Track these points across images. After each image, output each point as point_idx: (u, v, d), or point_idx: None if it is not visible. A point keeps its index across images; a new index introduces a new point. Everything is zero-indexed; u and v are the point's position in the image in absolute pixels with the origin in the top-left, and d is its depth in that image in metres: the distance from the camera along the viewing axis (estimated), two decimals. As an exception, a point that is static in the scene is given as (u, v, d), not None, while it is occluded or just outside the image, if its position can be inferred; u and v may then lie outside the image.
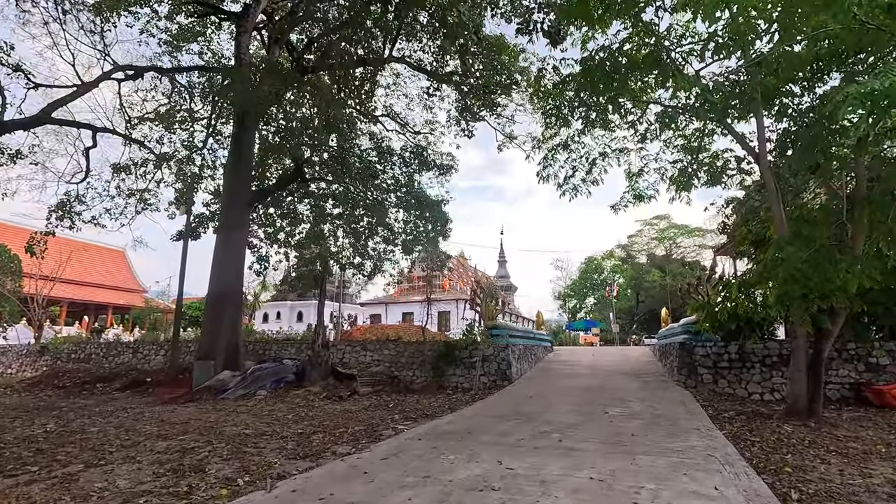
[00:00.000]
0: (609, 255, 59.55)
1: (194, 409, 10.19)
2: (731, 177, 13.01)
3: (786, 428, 7.34)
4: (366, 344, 14.90)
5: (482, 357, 13.22)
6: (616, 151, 14.25)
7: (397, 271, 19.77)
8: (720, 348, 11.41)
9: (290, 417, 8.89)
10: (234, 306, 14.44)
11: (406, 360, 14.08)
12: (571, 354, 18.34)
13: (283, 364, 13.64)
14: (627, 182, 14.50)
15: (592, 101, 12.11)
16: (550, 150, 14.40)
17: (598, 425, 7.23)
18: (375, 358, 14.60)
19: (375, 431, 7.33)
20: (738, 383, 11.01)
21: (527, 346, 15.47)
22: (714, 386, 11.18)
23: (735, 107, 11.23)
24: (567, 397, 10.20)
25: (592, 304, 59.14)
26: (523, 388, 11.95)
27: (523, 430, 6.93)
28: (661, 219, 58.02)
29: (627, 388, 11.28)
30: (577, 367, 15.03)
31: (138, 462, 5.72)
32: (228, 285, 14.42)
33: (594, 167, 14.45)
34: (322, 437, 6.99)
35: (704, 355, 11.52)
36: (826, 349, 7.93)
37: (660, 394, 10.52)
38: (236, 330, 14.37)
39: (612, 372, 14.07)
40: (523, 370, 14.33)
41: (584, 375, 13.60)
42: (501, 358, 13.21)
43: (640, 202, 14.67)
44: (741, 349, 11.20)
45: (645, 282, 44.41)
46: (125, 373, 15.86)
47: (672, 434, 6.55)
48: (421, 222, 17.19)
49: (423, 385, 13.32)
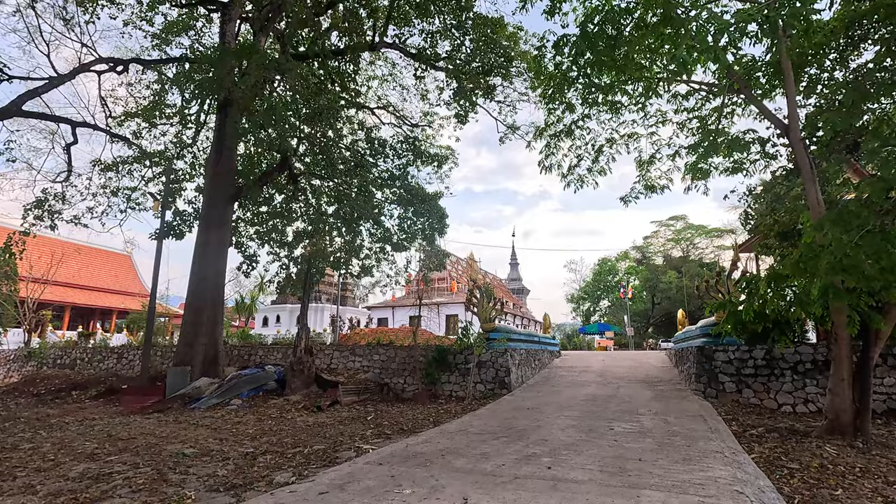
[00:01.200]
0: (623, 257, 57.84)
1: (154, 422, 9.23)
2: (753, 162, 11.72)
3: (829, 450, 6.06)
4: (355, 349, 13.85)
5: (477, 363, 12.07)
6: (625, 137, 13.04)
7: (394, 272, 18.73)
8: (744, 353, 10.10)
9: (251, 432, 7.85)
10: (214, 309, 13.53)
11: (397, 366, 12.99)
12: (580, 360, 17.04)
13: (264, 371, 12.67)
14: (638, 171, 13.29)
15: (595, 78, 11.02)
16: (553, 136, 13.25)
17: (599, 446, 6.04)
18: (365, 364, 13.54)
19: (335, 452, 6.24)
20: (766, 393, 9.68)
21: (530, 350, 14.26)
22: (738, 396, 9.86)
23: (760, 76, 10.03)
24: (568, 410, 8.99)
25: (607, 307, 57.42)
26: (522, 398, 10.76)
27: (508, 452, 5.78)
28: (678, 219, 56.18)
29: (638, 399, 10.02)
30: (584, 374, 13.77)
31: (34, 492, 4.72)
32: (208, 287, 13.52)
33: (601, 155, 13.28)
34: (269, 459, 5.93)
35: (726, 361, 10.21)
36: (876, 354, 6.64)
37: (675, 405, 9.25)
38: (216, 334, 13.45)
39: (622, 379, 12.78)
40: (525, 377, 13.13)
41: (592, 383, 12.34)
42: (500, 364, 12.04)
43: (652, 192, 13.46)
44: (769, 354, 9.88)
45: (661, 283, 42.65)
46: (105, 379, 15.06)
47: (689, 459, 5.33)
48: (416, 218, 16.15)
49: (414, 393, 12.21)
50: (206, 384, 12.17)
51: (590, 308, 58.33)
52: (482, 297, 12.82)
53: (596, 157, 13.26)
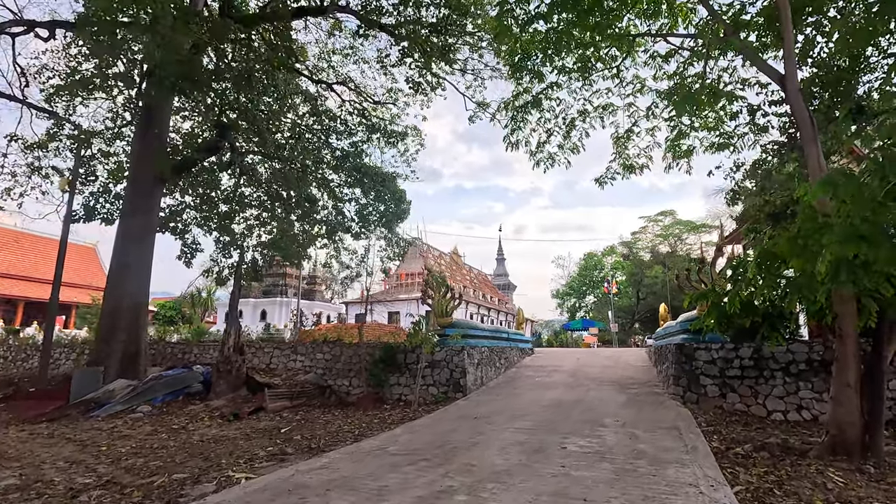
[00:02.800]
0: (610, 252, 56.75)
1: (27, 434, 7.67)
2: (741, 136, 10.36)
3: (834, 476, 4.71)
4: (297, 347, 12.33)
5: (430, 363, 10.64)
6: (598, 109, 11.65)
7: (355, 262, 17.22)
8: (729, 352, 8.77)
9: (124, 451, 6.34)
10: (135, 302, 11.93)
11: (343, 366, 11.50)
12: (553, 358, 15.69)
13: (190, 371, 11.13)
14: (614, 149, 11.92)
15: (565, 40, 9.62)
16: (519, 109, 11.85)
17: (540, 475, 4.62)
18: (307, 364, 12.05)
19: (196, 482, 4.76)
20: (754, 398, 8.35)
21: (494, 348, 12.86)
22: (721, 401, 8.53)
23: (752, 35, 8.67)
24: (522, 419, 7.59)
25: (592, 303, 56.37)
26: (476, 403, 9.35)
27: (416, 486, 4.34)
28: (666, 215, 55.08)
29: (608, 405, 8.65)
30: (554, 375, 12.40)
31: None
32: (129, 277, 11.92)
33: (573, 129, 11.91)
34: (96, 496, 4.43)
35: (709, 361, 8.87)
36: (892, 353, 5.30)
37: (648, 413, 7.88)
38: (138, 330, 11.85)
39: (594, 380, 11.43)
40: (486, 378, 11.73)
41: (560, 386, 10.97)
42: (455, 364, 10.61)
43: (630, 173, 12.14)
44: (757, 353, 8.55)
45: (646, 277, 41.54)
46: (17, 381, 13.39)
47: (651, 498, 3.94)
48: (377, 203, 14.68)
49: (358, 398, 10.76)
50: (121, 387, 10.59)
51: (575, 304, 57.27)
52: (437, 287, 11.39)
53: (567, 133, 11.89)
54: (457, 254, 55.14)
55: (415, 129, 17.04)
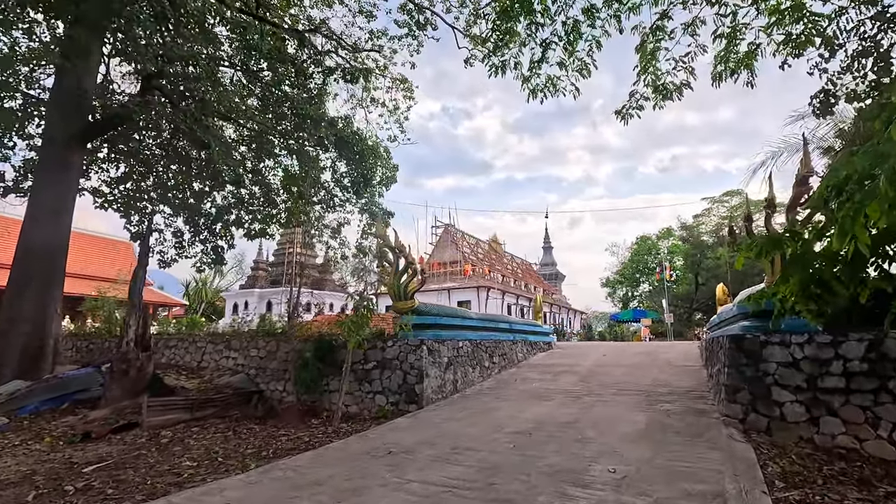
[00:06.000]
0: (666, 235, 51.13)
1: None
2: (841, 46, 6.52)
3: None
4: (231, 341, 9.86)
5: (379, 362, 7.81)
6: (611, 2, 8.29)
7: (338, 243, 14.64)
8: (823, 348, 5.27)
9: None
10: (44, 289, 9.91)
11: (278, 365, 8.91)
12: (572, 355, 12.29)
13: (89, 373, 8.95)
14: (640, 63, 8.51)
15: None
16: (503, 12, 8.81)
17: None
18: (241, 362, 9.55)
19: None
20: (873, 427, 4.85)
21: (483, 342, 9.79)
22: (811, 431, 5.07)
23: None
24: (454, 463, 4.57)
25: (646, 292, 51.12)
26: (420, 424, 6.40)
27: None
28: (733, 195, 48.59)
29: (612, 433, 5.41)
30: (561, 378, 9.15)
31: None
32: (36, 259, 9.92)
33: (578, 38, 8.66)
34: None
35: (787, 363, 5.40)
36: None
37: (677, 453, 4.62)
38: (45, 321, 9.83)
39: (611, 388, 8.11)
40: (466, 382, 8.72)
41: (558, 395, 7.75)
42: (410, 364, 7.69)
43: (663, 98, 8.79)
44: (876, 348, 5.02)
45: (706, 259, 36.24)
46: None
47: None
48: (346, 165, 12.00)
49: (286, 408, 8.13)
50: (7, 391, 8.57)
51: (627, 293, 52.26)
52: (398, 260, 8.49)
53: (570, 42, 8.63)
54: (496, 241, 51.73)
55: (404, 80, 14.24)
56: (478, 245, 48.26)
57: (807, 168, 5.59)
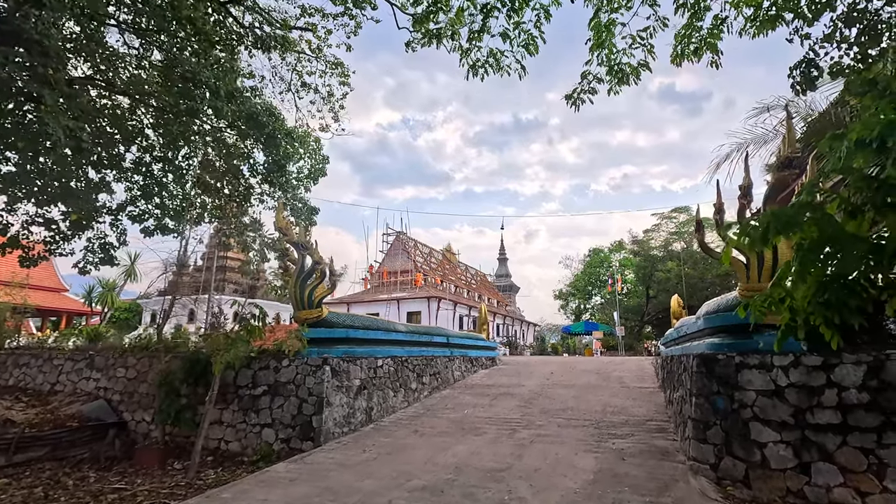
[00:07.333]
0: (618, 248, 51.70)
1: None
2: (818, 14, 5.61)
3: None
4: (94, 359, 7.90)
5: (270, 387, 6.15)
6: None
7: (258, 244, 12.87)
8: (812, 372, 4.15)
9: None
10: None
11: (148, 388, 7.07)
12: (517, 372, 10.99)
13: None
14: (593, 37, 7.36)
15: None
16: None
17: None
18: (103, 384, 7.61)
19: None
20: (877, 475, 3.73)
21: (409, 359, 8.30)
22: (799, 481, 3.91)
23: None
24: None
25: (598, 304, 51.31)
26: (302, 473, 4.82)
27: None
28: (681, 212, 49.79)
29: (552, 488, 4.05)
30: (499, 403, 7.79)
31: None
32: None
33: (522, 5, 7.47)
34: None
35: (768, 391, 4.25)
36: None
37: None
38: None
39: (557, 416, 6.82)
40: (384, 408, 7.19)
41: (493, 427, 6.37)
42: (308, 388, 6.09)
43: (619, 82, 7.63)
44: (877, 374, 3.94)
45: (657, 271, 36.45)
46: None
47: None
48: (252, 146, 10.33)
49: (147, 446, 6.33)
50: None
51: (579, 305, 52.26)
52: (301, 258, 6.91)
53: (516, 8, 7.43)
54: (451, 251, 50.66)
55: (339, 63, 12.75)
56: (431, 254, 46.97)
57: (791, 147, 4.53)
